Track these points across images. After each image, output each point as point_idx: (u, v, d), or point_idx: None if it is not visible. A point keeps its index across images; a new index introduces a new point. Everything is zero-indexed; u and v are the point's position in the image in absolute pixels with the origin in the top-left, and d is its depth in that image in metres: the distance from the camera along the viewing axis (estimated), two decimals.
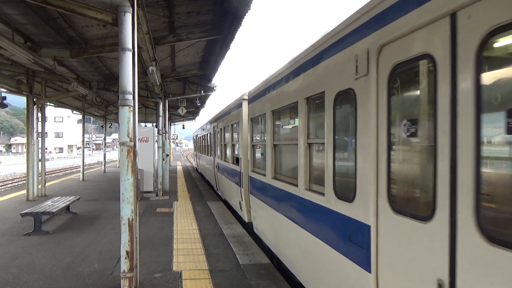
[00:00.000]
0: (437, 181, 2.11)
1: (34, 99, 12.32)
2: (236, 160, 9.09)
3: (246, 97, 7.90)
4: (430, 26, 2.15)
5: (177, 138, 58.04)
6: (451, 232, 2.00)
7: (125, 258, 4.51)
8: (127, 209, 4.54)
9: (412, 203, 2.50)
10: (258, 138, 7.11)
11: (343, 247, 3.27)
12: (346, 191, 3.22)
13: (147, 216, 9.60)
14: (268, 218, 6.24)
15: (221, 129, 11.91)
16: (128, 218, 4.53)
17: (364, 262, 2.89)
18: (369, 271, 2.82)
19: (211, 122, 15.11)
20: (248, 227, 8.10)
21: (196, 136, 25.36)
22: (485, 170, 1.86)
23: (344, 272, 3.28)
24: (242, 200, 8.38)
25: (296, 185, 4.54)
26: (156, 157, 13.84)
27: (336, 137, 3.46)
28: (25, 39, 8.56)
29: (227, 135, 10.69)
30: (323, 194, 3.70)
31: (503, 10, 1.69)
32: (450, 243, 2.01)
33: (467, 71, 1.88)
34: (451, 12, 1.98)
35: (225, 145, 11.34)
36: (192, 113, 27.99)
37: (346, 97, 3.22)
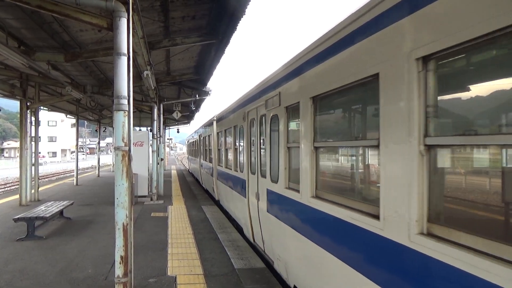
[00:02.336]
0: (259, 163, 6.23)
1: (28, 103, 12.24)
2: (211, 160, 13.30)
3: (215, 118, 12.05)
4: (254, 109, 6.41)
5: (171, 142, 57.93)
6: (258, 176, 6.26)
7: (120, 263, 4.49)
8: (122, 213, 4.53)
9: (253, 169, 6.55)
10: (220, 144, 11.29)
11: (240, 191, 7.72)
12: (241, 168, 7.61)
13: (142, 220, 9.57)
14: (223, 191, 10.54)
15: (203, 138, 16.52)
16: (123, 223, 4.52)
17: (244, 194, 7.22)
18: (245, 197, 7.17)
19: (197, 132, 20.48)
20: (218, 204, 12.11)
21: (188, 141, 32.07)
22: (263, 158, 6.05)
23: (241, 202, 7.63)
24: (214, 185, 12.60)
25: (231, 169, 8.89)
26: (151, 161, 13.79)
27: (239, 145, 7.97)
28: (19, 43, 8.51)
29: (206, 142, 15.20)
30: (237, 171, 8.19)
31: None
32: (258, 180, 6.27)
33: (255, 129, 6.49)
34: (261, 106, 5.90)
35: (205, 149, 15.83)
36: (187, 117, 27.98)
37: (242, 129, 7.58)
